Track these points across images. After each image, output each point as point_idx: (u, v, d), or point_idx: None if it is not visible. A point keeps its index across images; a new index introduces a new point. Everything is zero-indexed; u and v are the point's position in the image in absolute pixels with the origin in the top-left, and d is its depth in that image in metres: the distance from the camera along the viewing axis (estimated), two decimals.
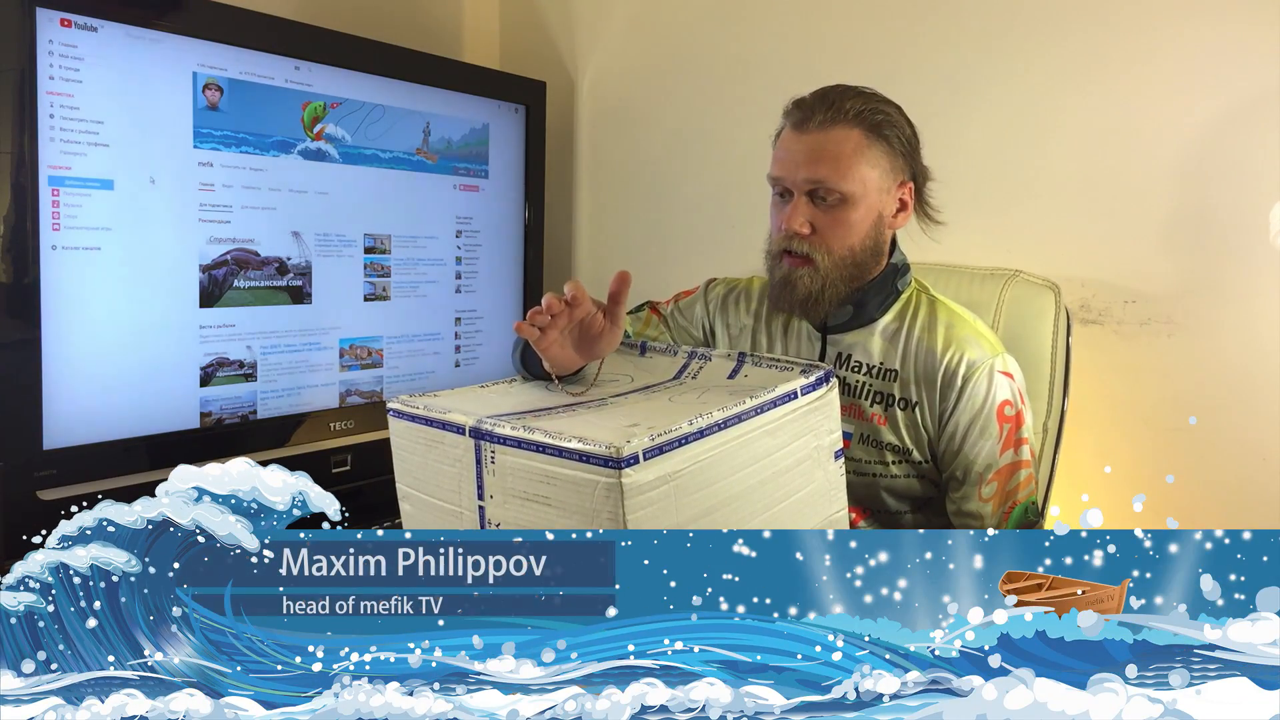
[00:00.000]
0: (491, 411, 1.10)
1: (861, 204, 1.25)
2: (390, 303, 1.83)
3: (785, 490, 1.12)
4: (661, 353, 1.31)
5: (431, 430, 1.11)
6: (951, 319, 1.30)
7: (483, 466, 1.06)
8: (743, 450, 1.06)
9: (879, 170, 1.26)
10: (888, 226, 1.29)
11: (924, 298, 1.34)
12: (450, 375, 1.95)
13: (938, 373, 1.27)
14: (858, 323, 1.32)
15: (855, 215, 1.25)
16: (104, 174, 1.42)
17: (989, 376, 1.26)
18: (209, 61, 1.53)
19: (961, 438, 1.27)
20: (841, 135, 1.24)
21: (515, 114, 2.05)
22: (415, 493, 1.17)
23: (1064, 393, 1.50)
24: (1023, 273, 1.54)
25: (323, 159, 1.70)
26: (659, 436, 0.98)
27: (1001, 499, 1.26)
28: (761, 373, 1.20)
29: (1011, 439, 1.27)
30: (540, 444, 1.00)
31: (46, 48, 1.35)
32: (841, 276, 1.27)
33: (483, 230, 1.99)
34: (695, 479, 1.01)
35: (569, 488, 0.99)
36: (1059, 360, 1.48)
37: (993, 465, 1.26)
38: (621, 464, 0.94)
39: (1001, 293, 1.51)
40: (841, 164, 1.24)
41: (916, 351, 1.29)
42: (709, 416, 1.03)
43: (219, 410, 1.59)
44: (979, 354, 1.27)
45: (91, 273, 1.41)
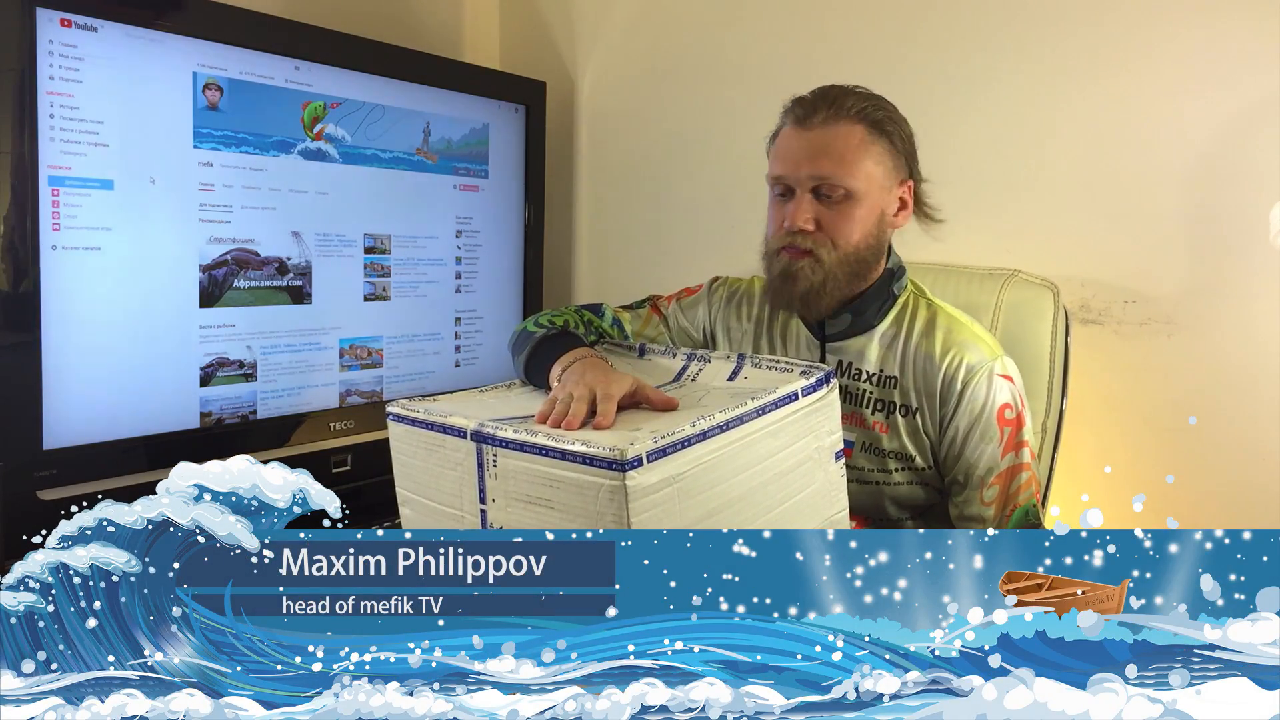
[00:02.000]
0: (492, 415, 1.10)
1: (866, 200, 1.25)
2: (390, 303, 1.83)
3: (787, 491, 1.12)
4: (660, 354, 1.31)
5: (432, 434, 1.11)
6: (950, 324, 1.30)
7: (484, 470, 1.06)
8: (745, 452, 1.06)
9: (883, 167, 1.26)
10: (889, 225, 1.29)
11: (921, 301, 1.34)
12: (450, 375, 1.95)
13: (937, 378, 1.27)
14: (856, 330, 1.32)
15: (860, 211, 1.25)
16: (104, 174, 1.42)
17: (988, 380, 1.26)
18: (209, 61, 1.53)
19: (962, 442, 1.27)
20: (846, 131, 1.24)
21: (515, 114, 2.05)
22: (416, 497, 1.17)
23: (1063, 392, 1.50)
24: (1021, 272, 1.54)
25: (323, 159, 1.70)
26: (662, 439, 0.98)
27: (1003, 502, 1.26)
28: (761, 374, 1.20)
29: (1012, 442, 1.26)
30: (543, 447, 1.00)
31: (46, 48, 1.35)
32: (844, 273, 1.26)
33: (483, 230, 1.99)
34: (698, 481, 1.01)
35: (572, 490, 0.99)
36: (1058, 360, 1.48)
37: (994, 469, 1.26)
38: (625, 466, 0.94)
39: (1000, 293, 1.51)
40: (846, 160, 1.23)
41: (915, 358, 1.29)
42: (711, 418, 1.03)
43: (219, 410, 1.59)
44: (978, 358, 1.27)
45: (91, 273, 1.41)
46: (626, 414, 1.13)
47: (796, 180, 1.25)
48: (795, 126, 1.26)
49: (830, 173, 1.23)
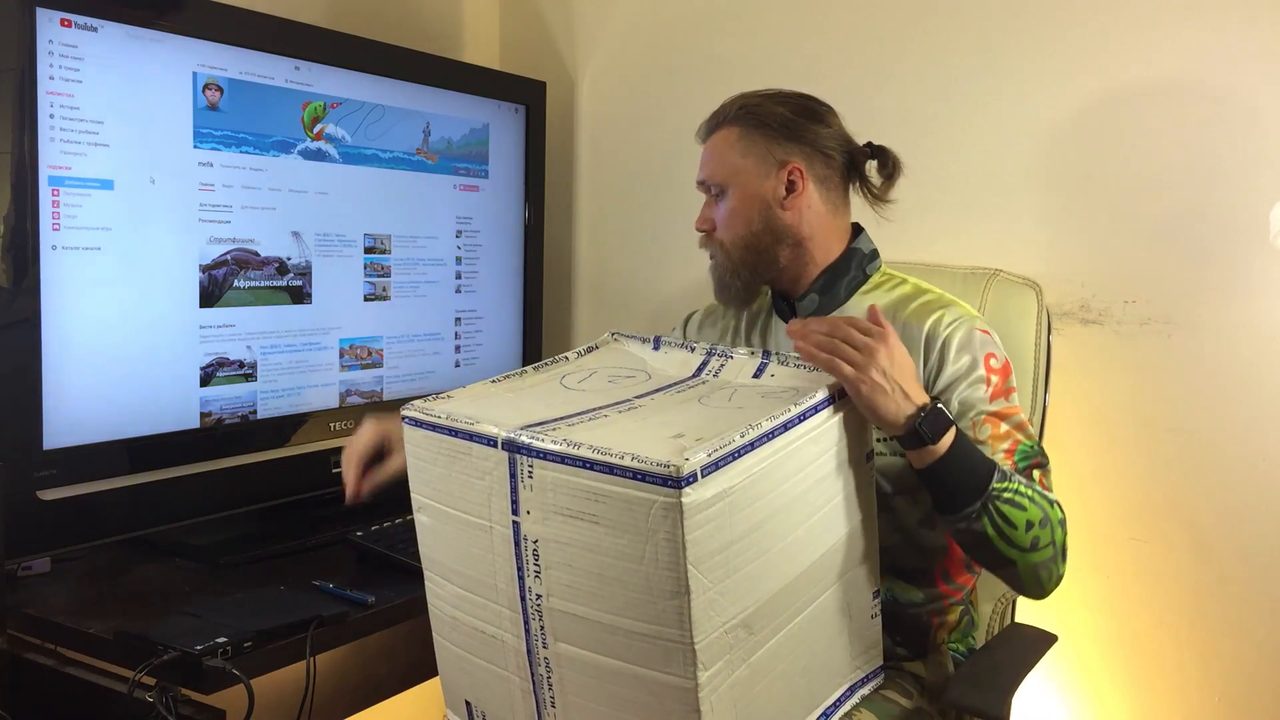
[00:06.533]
0: (521, 420, 1.04)
1: (737, 192, 1.36)
2: (390, 303, 1.83)
3: (825, 496, 1.10)
4: (677, 348, 1.27)
5: (456, 441, 1.06)
6: (929, 294, 1.37)
7: (518, 481, 1.01)
8: (790, 460, 1.03)
9: (751, 157, 1.35)
10: (783, 208, 1.35)
11: (896, 278, 1.41)
12: (450, 375, 1.95)
13: (920, 338, 1.31)
14: (825, 308, 1.38)
15: (734, 204, 1.36)
16: (104, 174, 1.42)
17: (970, 331, 1.31)
18: (209, 61, 1.53)
19: (951, 388, 1.28)
20: (722, 135, 1.38)
21: (515, 114, 2.05)
22: (434, 504, 1.12)
23: (1045, 388, 1.52)
24: (1003, 272, 1.55)
25: (323, 159, 1.70)
26: (715, 451, 0.94)
27: (1000, 438, 1.26)
28: (789, 372, 1.17)
29: (1000, 389, 1.29)
30: (588, 460, 0.95)
31: (46, 48, 1.35)
32: (743, 259, 1.37)
33: (483, 230, 1.99)
34: (747, 493, 0.98)
35: (620, 506, 0.94)
36: (1041, 358, 1.51)
37: (984, 410, 1.27)
38: (681, 483, 0.90)
39: (984, 293, 1.53)
40: (715, 160, 1.38)
41: (895, 325, 1.30)
42: (759, 427, 0.99)
43: (219, 410, 1.59)
44: (959, 315, 1.33)
45: (91, 273, 1.41)
46: (658, 411, 1.08)
47: (701, 190, 1.41)
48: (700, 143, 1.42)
49: (706, 176, 1.39)
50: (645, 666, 0.99)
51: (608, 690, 1.03)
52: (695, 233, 1.43)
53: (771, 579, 1.04)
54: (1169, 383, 1.65)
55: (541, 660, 1.07)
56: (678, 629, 0.96)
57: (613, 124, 2.21)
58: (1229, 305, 1.60)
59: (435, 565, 1.17)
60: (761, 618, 1.03)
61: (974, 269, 1.57)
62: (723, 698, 1.00)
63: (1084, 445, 1.69)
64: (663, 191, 2.13)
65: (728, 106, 1.39)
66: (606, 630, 1.00)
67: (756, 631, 1.03)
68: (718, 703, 0.99)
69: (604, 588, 0.99)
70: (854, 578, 1.17)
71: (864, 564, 1.18)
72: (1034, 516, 1.17)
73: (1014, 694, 1.22)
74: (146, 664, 1.12)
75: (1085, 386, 1.68)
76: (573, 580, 1.01)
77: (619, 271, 2.21)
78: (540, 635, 1.06)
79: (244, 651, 1.16)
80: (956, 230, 1.77)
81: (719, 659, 0.99)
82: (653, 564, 0.95)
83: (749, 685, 1.03)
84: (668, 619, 0.96)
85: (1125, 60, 1.65)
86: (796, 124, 1.35)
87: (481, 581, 1.09)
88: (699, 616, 0.95)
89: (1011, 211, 1.75)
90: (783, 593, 1.06)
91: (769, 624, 1.05)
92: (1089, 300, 1.70)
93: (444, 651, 1.21)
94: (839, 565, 1.14)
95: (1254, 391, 1.58)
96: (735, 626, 1.00)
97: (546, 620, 1.04)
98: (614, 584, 0.98)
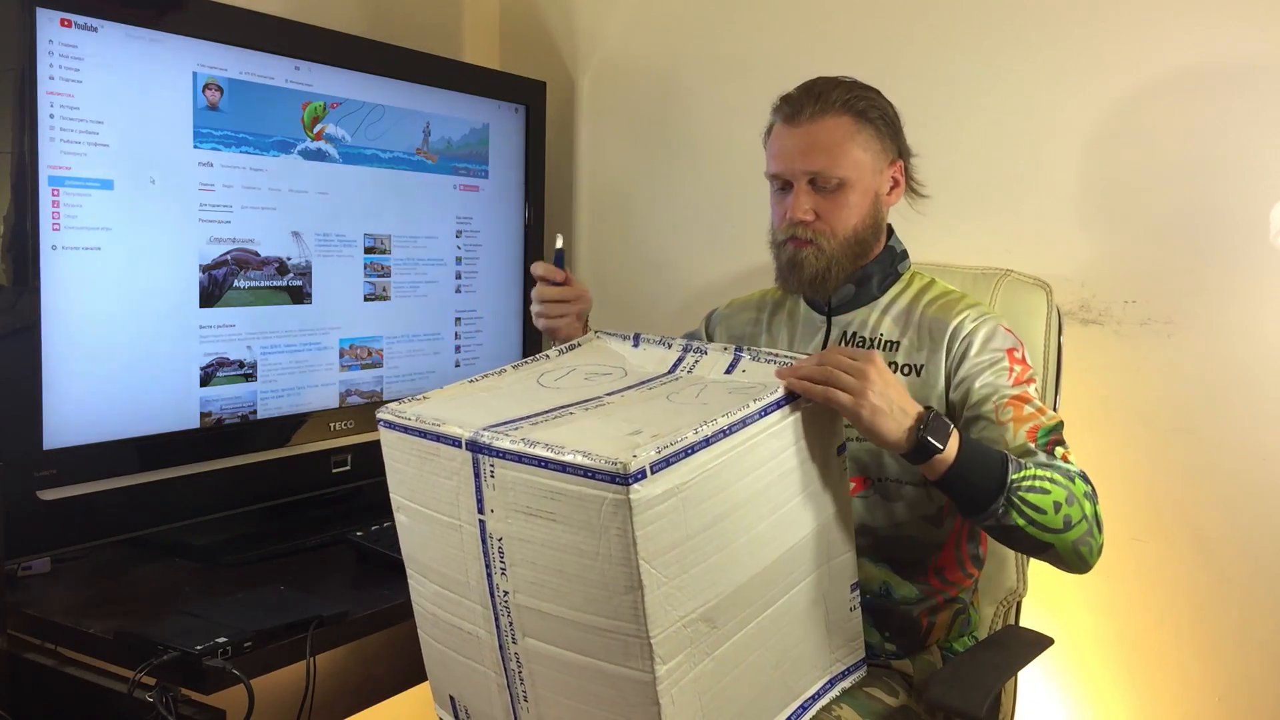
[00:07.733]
0: (487, 420, 1.05)
1: (858, 186, 1.34)
2: (390, 303, 1.83)
3: (791, 490, 1.10)
4: (655, 345, 1.28)
5: (425, 442, 1.07)
6: (953, 292, 1.42)
7: (482, 480, 1.03)
8: (749, 455, 1.04)
9: (870, 152, 1.35)
10: (884, 204, 1.39)
11: (923, 278, 1.44)
12: (450, 375, 1.95)
13: (945, 332, 1.34)
14: (860, 301, 1.41)
15: (854, 197, 1.34)
16: (104, 174, 1.42)
17: (995, 327, 1.34)
18: (209, 61, 1.53)
19: (972, 375, 1.31)
20: (832, 124, 1.33)
21: (515, 114, 2.05)
22: (410, 504, 1.14)
23: (1056, 388, 1.52)
24: (1014, 272, 1.55)
25: (323, 159, 1.70)
26: (665, 448, 0.95)
27: (1023, 420, 1.27)
28: (760, 368, 1.17)
29: (1022, 379, 1.31)
30: (542, 459, 0.97)
31: (46, 48, 1.35)
32: (847, 255, 1.36)
33: (483, 230, 1.99)
34: (703, 488, 0.99)
35: (575, 503, 0.96)
36: (1051, 359, 1.51)
37: (1008, 393, 1.29)
38: (629, 479, 0.92)
39: (994, 293, 1.53)
40: (835, 151, 1.33)
41: (921, 320, 1.37)
42: (714, 424, 1.00)
43: (219, 410, 1.59)
44: (984, 312, 1.37)
45: (91, 273, 1.41)
46: (624, 407, 1.10)
47: (792, 175, 1.35)
48: (785, 124, 1.36)
49: (822, 166, 1.33)
50: (607, 660, 1.01)
51: (575, 684, 1.05)
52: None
53: (735, 573, 1.05)
54: (1169, 383, 1.65)
55: (513, 655, 1.09)
56: (633, 623, 0.97)
57: (613, 124, 2.21)
58: (1229, 305, 1.60)
59: (415, 563, 1.19)
60: (725, 611, 1.04)
61: (984, 269, 1.57)
62: (684, 690, 1.01)
63: (1084, 445, 1.69)
64: (662, 192, 2.13)
65: (824, 93, 1.33)
66: (570, 625, 1.02)
67: (720, 625, 1.04)
68: (679, 695, 1.00)
69: (565, 584, 1.00)
70: (828, 570, 1.18)
71: (839, 557, 1.19)
72: (1059, 497, 1.18)
73: (995, 694, 1.21)
74: (146, 664, 1.13)
75: (1085, 386, 1.68)
76: (536, 577, 1.03)
77: (619, 271, 2.21)
78: (510, 631, 1.07)
79: (244, 651, 1.16)
80: (960, 230, 1.77)
81: (678, 652, 1.00)
82: (607, 560, 0.96)
83: (715, 678, 1.04)
84: (624, 614, 0.97)
85: (1125, 61, 1.65)
86: (897, 123, 1.39)
87: (456, 579, 1.11)
88: (654, 611, 0.96)
89: (1013, 211, 1.76)
90: (748, 586, 1.06)
91: (734, 617, 1.06)
92: (1089, 300, 1.70)
93: (428, 648, 1.23)
94: (810, 558, 1.14)
95: (1254, 391, 1.58)
96: (695, 620, 1.01)
97: (514, 616, 1.06)
98: (574, 580, 1.00)
